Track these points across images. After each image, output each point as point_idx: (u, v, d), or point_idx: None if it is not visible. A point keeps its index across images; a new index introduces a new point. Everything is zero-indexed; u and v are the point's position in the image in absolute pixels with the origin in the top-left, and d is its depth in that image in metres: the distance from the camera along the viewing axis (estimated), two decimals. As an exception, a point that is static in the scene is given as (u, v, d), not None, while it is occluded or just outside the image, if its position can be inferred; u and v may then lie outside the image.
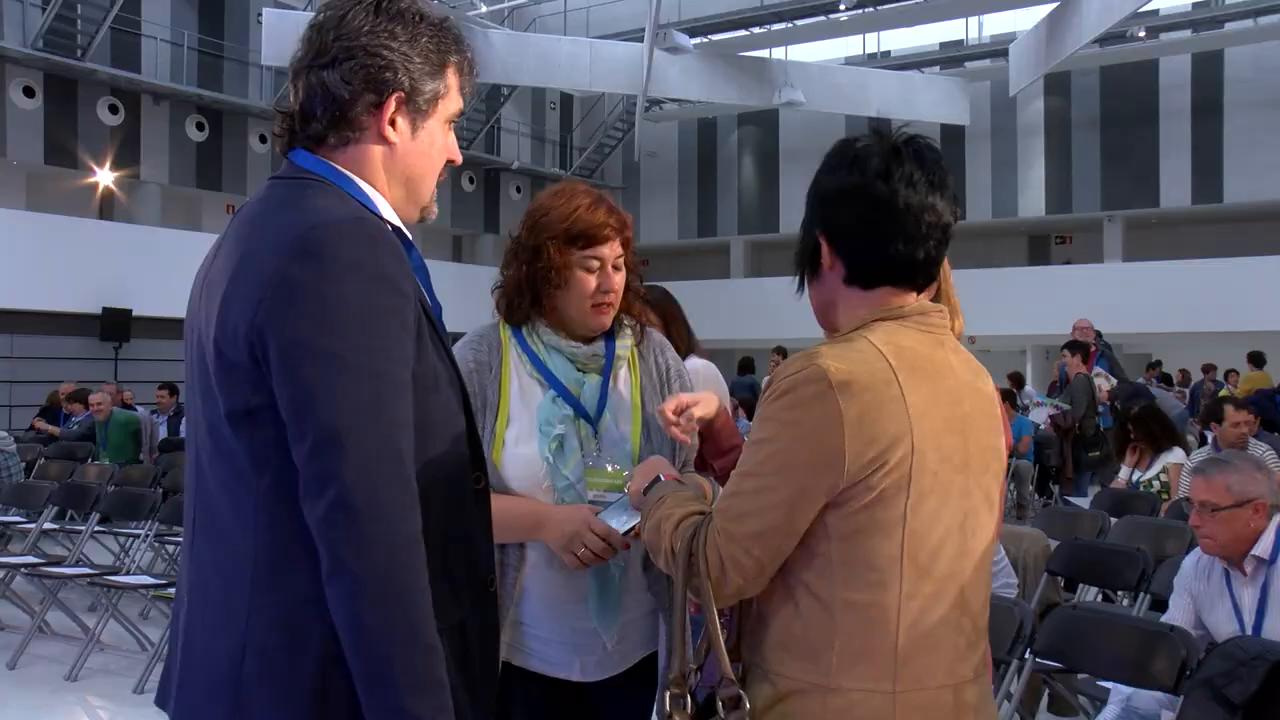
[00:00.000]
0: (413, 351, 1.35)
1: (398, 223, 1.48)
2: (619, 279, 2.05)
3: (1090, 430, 8.72)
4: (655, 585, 2.03)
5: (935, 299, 1.61)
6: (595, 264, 2.02)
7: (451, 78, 1.50)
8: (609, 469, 2.00)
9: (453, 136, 1.55)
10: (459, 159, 1.56)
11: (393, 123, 1.45)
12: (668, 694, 1.51)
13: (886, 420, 1.40)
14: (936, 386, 1.46)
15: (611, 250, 2.03)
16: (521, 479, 1.97)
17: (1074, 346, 9.12)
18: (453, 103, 1.51)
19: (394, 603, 1.25)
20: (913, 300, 1.52)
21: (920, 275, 1.51)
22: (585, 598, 1.97)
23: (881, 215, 1.48)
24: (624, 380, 2.09)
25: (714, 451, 1.90)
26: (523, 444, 1.99)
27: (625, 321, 2.12)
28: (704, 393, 2.00)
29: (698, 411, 1.90)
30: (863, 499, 1.40)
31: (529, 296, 2.04)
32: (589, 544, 1.88)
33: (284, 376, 1.27)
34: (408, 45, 1.44)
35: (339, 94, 1.42)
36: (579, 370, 2.04)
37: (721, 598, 1.49)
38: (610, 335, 2.10)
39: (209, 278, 1.41)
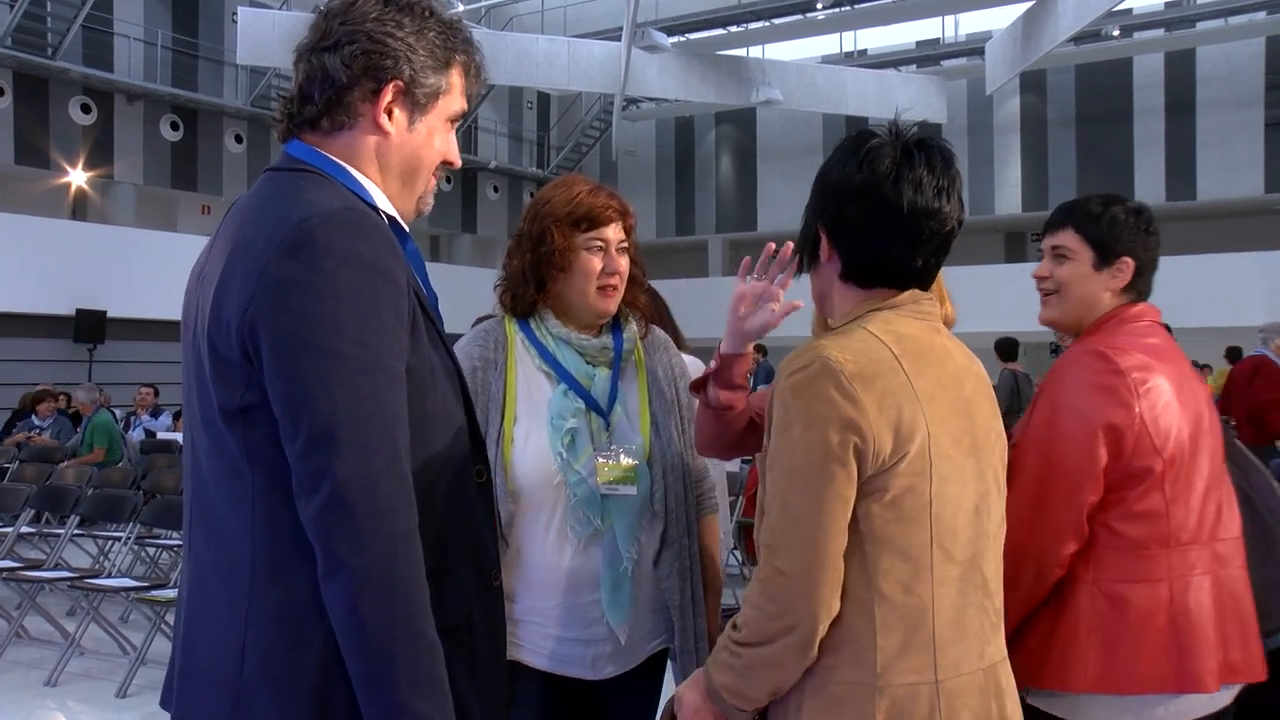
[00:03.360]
0: (407, 344, 1.33)
1: (393, 213, 1.45)
2: (624, 262, 2.05)
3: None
4: (665, 581, 2.01)
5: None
6: (599, 245, 2.02)
7: (456, 77, 1.47)
8: (620, 460, 1.98)
9: (454, 139, 1.51)
10: (458, 162, 1.52)
11: (389, 112, 1.42)
12: None
13: (901, 407, 1.40)
14: (940, 371, 1.46)
15: (615, 233, 2.04)
16: (532, 475, 1.95)
17: (1000, 345, 9.26)
18: (455, 102, 1.48)
19: (392, 599, 1.23)
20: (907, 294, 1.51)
21: (916, 281, 1.51)
22: (595, 593, 1.95)
23: (884, 218, 1.46)
24: (631, 373, 2.09)
25: (724, 382, 1.87)
26: (533, 440, 1.97)
27: (630, 314, 2.11)
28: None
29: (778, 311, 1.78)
30: (891, 489, 1.39)
31: (533, 284, 2.03)
32: None
33: (275, 372, 1.25)
34: (414, 36, 1.42)
35: (337, 77, 1.40)
36: (588, 363, 2.03)
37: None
38: (616, 328, 2.09)
39: (204, 272, 1.39)
